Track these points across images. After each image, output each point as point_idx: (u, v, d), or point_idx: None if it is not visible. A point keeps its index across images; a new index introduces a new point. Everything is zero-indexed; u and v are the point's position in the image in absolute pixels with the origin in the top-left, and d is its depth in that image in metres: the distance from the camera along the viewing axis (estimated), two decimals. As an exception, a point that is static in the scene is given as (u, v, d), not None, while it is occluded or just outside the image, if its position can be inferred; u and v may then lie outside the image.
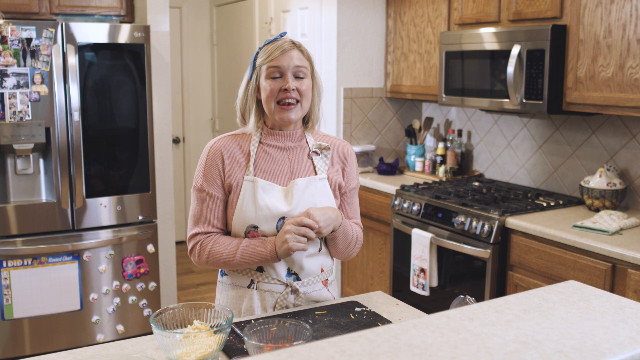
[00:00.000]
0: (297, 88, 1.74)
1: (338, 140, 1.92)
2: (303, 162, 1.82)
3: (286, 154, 1.81)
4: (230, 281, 1.84)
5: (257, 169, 1.78)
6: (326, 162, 1.84)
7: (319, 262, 1.85)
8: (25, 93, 3.27)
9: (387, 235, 3.71)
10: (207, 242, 1.77)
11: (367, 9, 4.11)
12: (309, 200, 1.77)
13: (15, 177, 3.39)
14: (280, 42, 1.77)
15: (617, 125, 3.08)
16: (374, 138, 4.26)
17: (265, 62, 1.75)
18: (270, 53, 1.75)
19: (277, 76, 1.75)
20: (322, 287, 1.86)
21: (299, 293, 1.80)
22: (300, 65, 1.75)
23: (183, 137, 5.87)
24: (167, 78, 3.85)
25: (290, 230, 1.67)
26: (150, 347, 1.56)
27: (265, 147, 1.80)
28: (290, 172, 1.80)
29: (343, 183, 1.88)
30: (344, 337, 0.98)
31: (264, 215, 1.74)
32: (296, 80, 1.75)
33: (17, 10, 3.53)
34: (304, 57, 1.78)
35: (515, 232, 2.87)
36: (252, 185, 1.75)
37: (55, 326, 3.47)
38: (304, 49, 1.79)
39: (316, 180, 1.80)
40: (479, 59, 3.28)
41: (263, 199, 1.74)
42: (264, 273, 1.78)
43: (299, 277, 1.81)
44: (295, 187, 1.77)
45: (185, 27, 5.76)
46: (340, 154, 1.89)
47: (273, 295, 1.79)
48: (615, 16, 2.68)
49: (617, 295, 1.20)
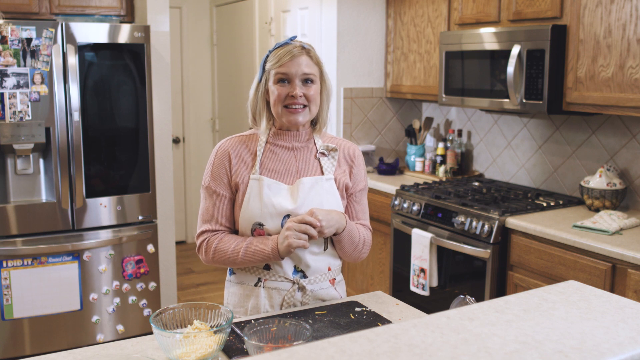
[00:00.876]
0: (304, 94, 1.77)
1: (345, 142, 1.93)
2: (310, 163, 1.84)
3: (293, 154, 1.84)
4: (237, 279, 1.86)
5: (263, 168, 1.80)
6: (333, 163, 1.86)
7: (326, 261, 1.86)
8: (25, 93, 3.27)
9: (387, 235, 3.71)
10: (213, 240, 1.80)
11: (367, 9, 4.11)
12: (315, 199, 1.79)
13: (15, 177, 3.39)
14: (290, 47, 1.78)
15: (617, 125, 3.08)
16: (374, 138, 4.26)
17: (273, 67, 1.78)
18: (279, 58, 1.76)
19: (285, 82, 1.77)
20: (329, 286, 1.87)
21: (306, 290, 1.82)
22: (308, 73, 1.77)
23: (183, 137, 5.87)
24: (167, 78, 3.85)
25: (292, 227, 1.69)
26: (150, 347, 1.56)
27: (273, 146, 1.83)
28: (297, 171, 1.82)
29: (350, 184, 1.89)
30: (344, 337, 0.98)
31: (269, 212, 1.76)
32: (304, 85, 1.77)
33: (17, 10, 3.53)
34: (312, 62, 1.79)
35: (515, 232, 2.87)
36: (257, 183, 1.78)
37: (55, 326, 3.47)
38: (313, 53, 1.80)
39: (323, 180, 1.82)
40: (479, 59, 3.28)
41: (269, 197, 1.76)
42: (270, 271, 1.80)
43: (305, 274, 1.82)
44: (301, 186, 1.79)
45: (185, 27, 5.76)
46: (347, 156, 1.90)
47: (280, 293, 1.81)
48: (615, 16, 2.68)
49: (617, 295, 1.20)
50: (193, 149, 5.90)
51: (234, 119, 5.62)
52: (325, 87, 1.84)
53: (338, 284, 1.92)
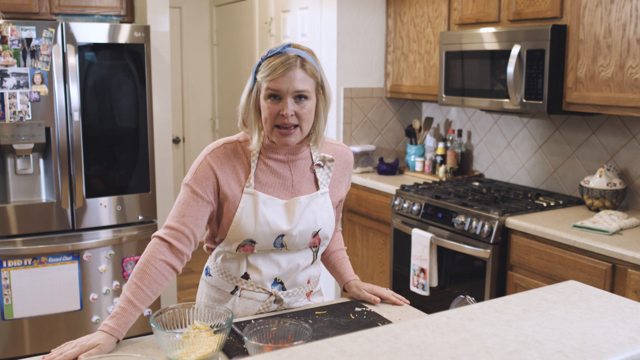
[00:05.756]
0: (296, 112, 1.63)
1: (341, 146, 1.86)
2: (305, 175, 1.77)
3: (287, 167, 1.75)
4: (214, 283, 1.81)
5: (257, 182, 1.71)
6: (329, 175, 1.80)
7: (308, 274, 1.83)
8: (25, 93, 3.27)
9: (387, 235, 3.71)
10: (152, 248, 1.65)
11: (367, 9, 4.11)
12: (309, 217, 1.73)
13: (15, 177, 3.39)
14: (284, 57, 1.62)
15: (617, 125, 3.08)
16: (374, 138, 4.26)
17: (265, 80, 1.63)
18: (271, 70, 1.61)
19: (277, 98, 1.63)
20: (304, 299, 1.85)
21: (283, 303, 1.79)
22: (301, 90, 1.62)
23: (183, 137, 5.87)
24: (167, 78, 3.85)
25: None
26: (150, 347, 1.56)
27: (267, 159, 1.73)
28: (292, 185, 1.75)
29: (344, 194, 1.86)
30: (344, 337, 0.98)
31: (262, 232, 1.69)
32: (296, 103, 1.64)
33: (17, 10, 3.53)
34: (307, 75, 1.63)
35: (515, 232, 2.87)
36: (252, 198, 1.69)
37: (55, 326, 3.47)
38: (308, 65, 1.64)
39: (318, 195, 1.76)
40: (479, 59, 3.28)
41: (264, 215, 1.68)
42: (249, 280, 1.76)
43: (284, 286, 1.79)
44: (297, 205, 1.72)
45: (185, 27, 5.76)
46: (344, 163, 1.85)
47: (256, 304, 1.77)
48: (615, 16, 2.68)
49: (617, 295, 1.20)
50: (193, 149, 5.90)
51: (234, 119, 5.61)
52: (323, 98, 1.70)
53: (313, 296, 1.89)
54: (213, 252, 1.82)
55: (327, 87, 1.71)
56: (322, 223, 1.76)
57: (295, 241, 1.73)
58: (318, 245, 1.80)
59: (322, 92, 1.70)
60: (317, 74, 1.67)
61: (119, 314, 1.56)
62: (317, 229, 1.75)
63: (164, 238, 1.66)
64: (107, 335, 1.52)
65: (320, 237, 1.77)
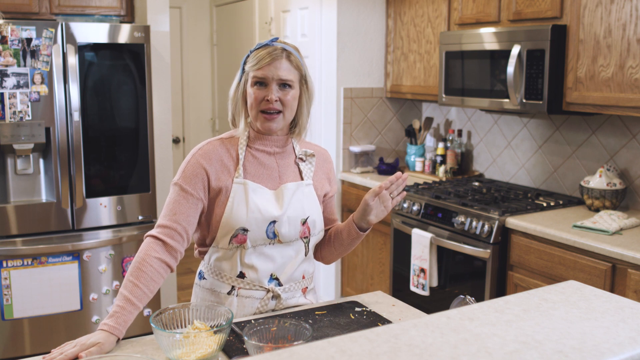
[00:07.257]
0: (280, 98, 1.74)
1: (319, 147, 1.96)
2: (290, 168, 1.85)
3: (274, 159, 1.83)
4: (209, 285, 1.82)
5: (246, 172, 1.78)
6: (311, 169, 1.87)
7: (302, 269, 1.85)
8: (25, 93, 3.27)
9: (387, 235, 3.71)
10: (146, 246, 1.68)
11: (367, 9, 4.11)
12: (297, 205, 1.79)
13: (15, 177, 3.39)
14: (271, 48, 1.74)
15: (617, 125, 3.08)
16: (374, 138, 4.26)
17: (252, 69, 1.75)
18: (258, 60, 1.73)
19: (262, 85, 1.74)
20: (300, 295, 1.86)
21: (281, 299, 1.80)
22: (285, 79, 1.73)
23: (183, 137, 5.87)
24: (167, 78, 3.85)
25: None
26: (150, 347, 1.56)
27: (254, 151, 1.81)
28: (279, 176, 1.82)
29: (329, 189, 1.92)
30: (344, 337, 0.98)
31: (254, 218, 1.72)
32: (281, 90, 1.74)
33: (17, 10, 3.53)
34: (292, 66, 1.75)
35: (515, 232, 2.87)
36: (242, 187, 1.75)
37: (55, 326, 3.47)
38: (293, 57, 1.76)
39: (303, 185, 1.83)
40: (479, 59, 3.28)
41: (254, 201, 1.73)
42: (245, 279, 1.77)
43: (280, 282, 1.80)
44: (285, 191, 1.78)
45: (185, 27, 5.76)
46: (324, 162, 1.94)
47: (253, 302, 1.77)
48: (615, 16, 2.68)
49: (617, 295, 1.20)
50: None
51: (234, 119, 5.61)
52: (306, 91, 1.80)
53: (309, 293, 1.90)
54: (205, 255, 1.84)
55: (310, 82, 1.82)
56: (310, 211, 1.81)
57: (287, 228, 1.76)
58: (309, 236, 1.83)
59: (305, 86, 1.80)
60: (301, 67, 1.78)
61: (118, 313, 1.57)
62: (305, 216, 1.80)
63: (158, 236, 1.70)
64: (107, 334, 1.54)
65: (309, 225, 1.81)
